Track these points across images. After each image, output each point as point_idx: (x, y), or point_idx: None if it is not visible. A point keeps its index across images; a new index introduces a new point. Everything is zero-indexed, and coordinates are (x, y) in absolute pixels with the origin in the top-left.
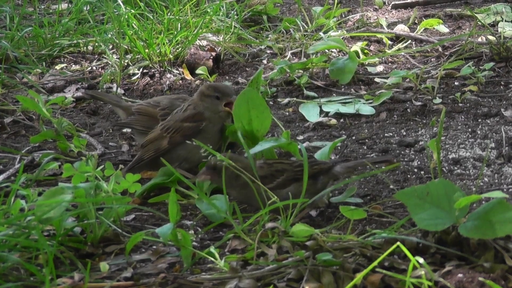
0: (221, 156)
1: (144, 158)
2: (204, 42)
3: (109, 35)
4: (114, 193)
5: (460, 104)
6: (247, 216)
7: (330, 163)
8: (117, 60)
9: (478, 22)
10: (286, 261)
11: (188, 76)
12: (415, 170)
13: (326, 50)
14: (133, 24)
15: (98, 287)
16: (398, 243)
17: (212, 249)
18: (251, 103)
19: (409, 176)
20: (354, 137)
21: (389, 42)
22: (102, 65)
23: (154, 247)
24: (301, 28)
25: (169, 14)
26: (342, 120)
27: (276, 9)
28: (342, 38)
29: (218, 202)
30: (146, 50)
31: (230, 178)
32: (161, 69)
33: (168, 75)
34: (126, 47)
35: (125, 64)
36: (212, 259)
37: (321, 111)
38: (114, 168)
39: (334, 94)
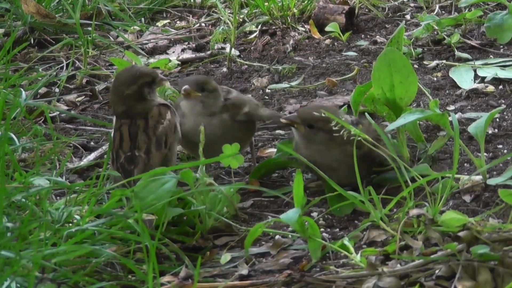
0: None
1: None
2: None
3: None
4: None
5: None
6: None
7: None
8: (231, 15)
9: None
10: (435, 256)
11: (316, 34)
12: None
13: (482, 3)
14: None
15: (209, 287)
16: None
17: (345, 241)
18: (394, 66)
19: None
20: None
21: None
22: (213, 21)
23: (277, 237)
24: None
25: None
26: (501, 86)
27: None
28: None
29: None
30: (266, 3)
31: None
32: (284, 26)
33: (292, 33)
34: None
35: (240, 20)
36: (346, 253)
37: (476, 76)
38: None
39: (491, 56)
